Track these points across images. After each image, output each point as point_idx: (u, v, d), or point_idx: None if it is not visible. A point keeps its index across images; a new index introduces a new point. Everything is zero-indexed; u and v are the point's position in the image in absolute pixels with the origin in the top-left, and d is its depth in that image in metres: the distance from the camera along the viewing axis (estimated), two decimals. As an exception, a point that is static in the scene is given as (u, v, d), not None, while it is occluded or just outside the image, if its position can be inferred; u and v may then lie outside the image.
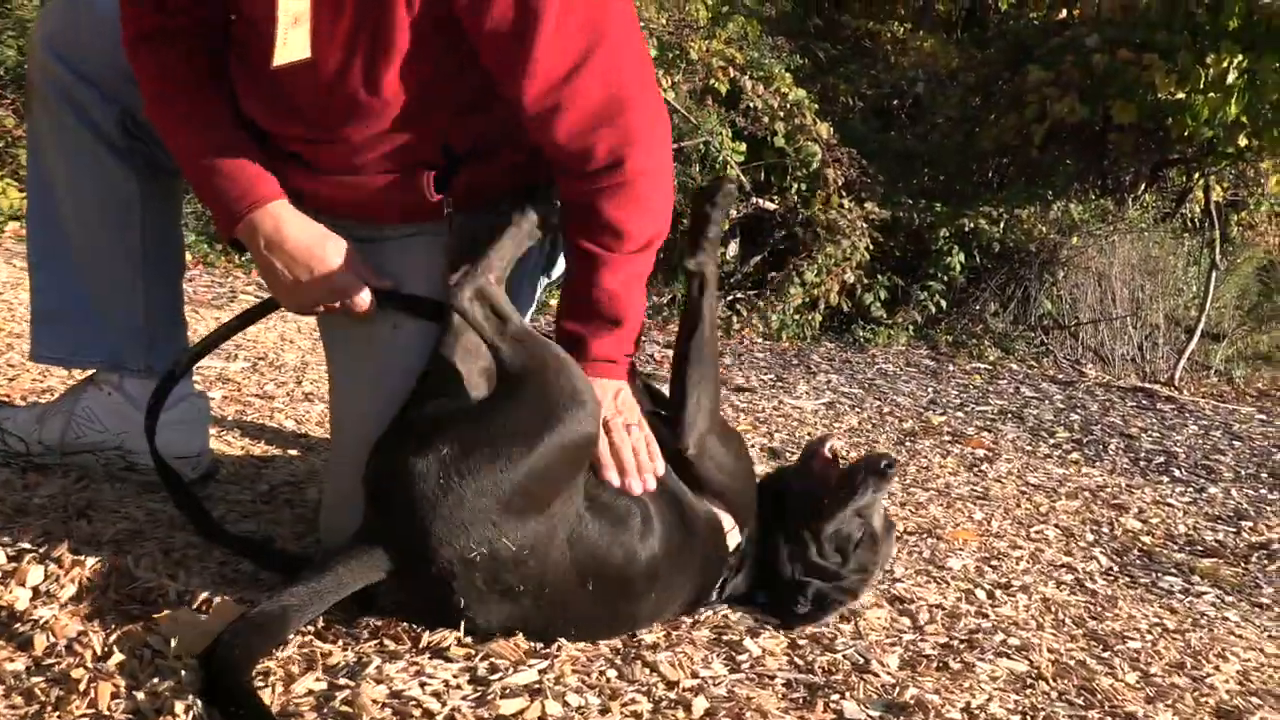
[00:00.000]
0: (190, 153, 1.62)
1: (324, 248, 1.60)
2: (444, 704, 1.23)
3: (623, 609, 1.50)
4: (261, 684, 1.24)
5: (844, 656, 1.59)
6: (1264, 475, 3.94)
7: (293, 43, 1.46)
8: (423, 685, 1.27)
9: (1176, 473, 3.80)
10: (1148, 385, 5.99)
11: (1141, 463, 3.90)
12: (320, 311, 1.68)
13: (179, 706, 1.16)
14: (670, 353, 4.97)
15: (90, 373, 1.94)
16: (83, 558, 1.51)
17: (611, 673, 1.40)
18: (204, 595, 1.44)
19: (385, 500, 1.39)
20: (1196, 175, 7.20)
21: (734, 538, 1.70)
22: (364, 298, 1.63)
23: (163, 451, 1.82)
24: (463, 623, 1.39)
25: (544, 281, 1.88)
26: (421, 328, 1.66)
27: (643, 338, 1.72)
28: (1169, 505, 3.29)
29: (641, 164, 1.54)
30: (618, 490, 1.53)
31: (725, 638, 1.59)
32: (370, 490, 1.43)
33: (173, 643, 1.28)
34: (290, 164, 1.64)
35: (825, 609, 1.74)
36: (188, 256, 5.59)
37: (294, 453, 2.31)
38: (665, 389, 1.99)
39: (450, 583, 1.34)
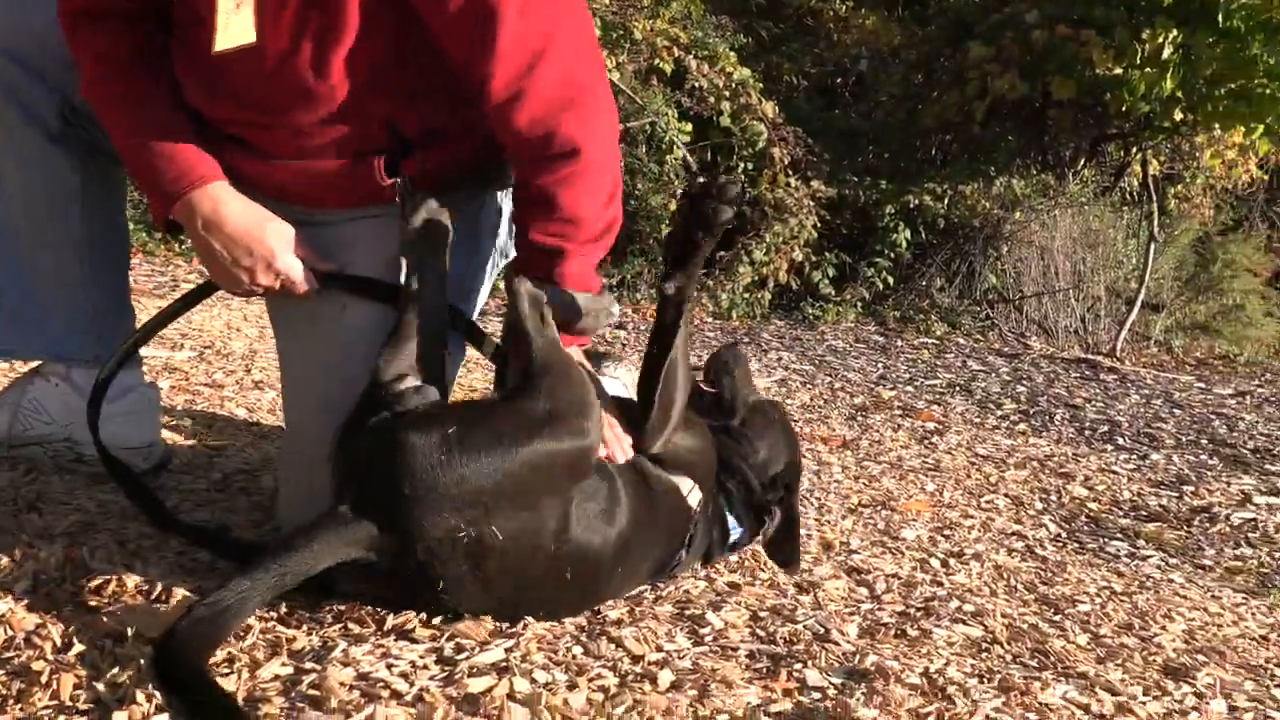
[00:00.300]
0: (126, 132, 1.59)
1: (264, 229, 1.59)
2: (412, 684, 1.23)
3: (591, 589, 1.51)
4: (227, 670, 1.23)
5: (804, 626, 1.61)
6: (1204, 442, 4.04)
7: (235, 28, 1.43)
8: (390, 667, 1.27)
9: (1120, 441, 3.88)
10: (1091, 356, 6.11)
11: (1086, 432, 3.98)
12: (259, 294, 1.67)
13: (140, 695, 1.14)
14: (619, 333, 4.97)
15: (36, 364, 1.91)
16: (36, 550, 1.48)
17: (577, 649, 1.40)
18: (162, 585, 1.43)
19: (370, 474, 1.34)
20: (1134, 149, 7.33)
21: (695, 495, 1.72)
22: (306, 281, 1.62)
23: (113, 443, 1.79)
24: (433, 605, 1.38)
25: (502, 263, 1.88)
26: (371, 310, 1.65)
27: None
28: (1114, 473, 3.36)
29: (597, 150, 1.55)
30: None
31: (688, 611, 1.61)
32: (351, 464, 1.39)
33: (130, 631, 1.27)
34: (232, 147, 1.61)
35: (794, 492, 1.89)
36: (128, 245, 5.45)
37: (247, 440, 2.29)
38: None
39: (433, 563, 1.32)
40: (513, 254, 1.88)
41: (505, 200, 1.82)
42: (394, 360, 1.50)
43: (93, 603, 1.37)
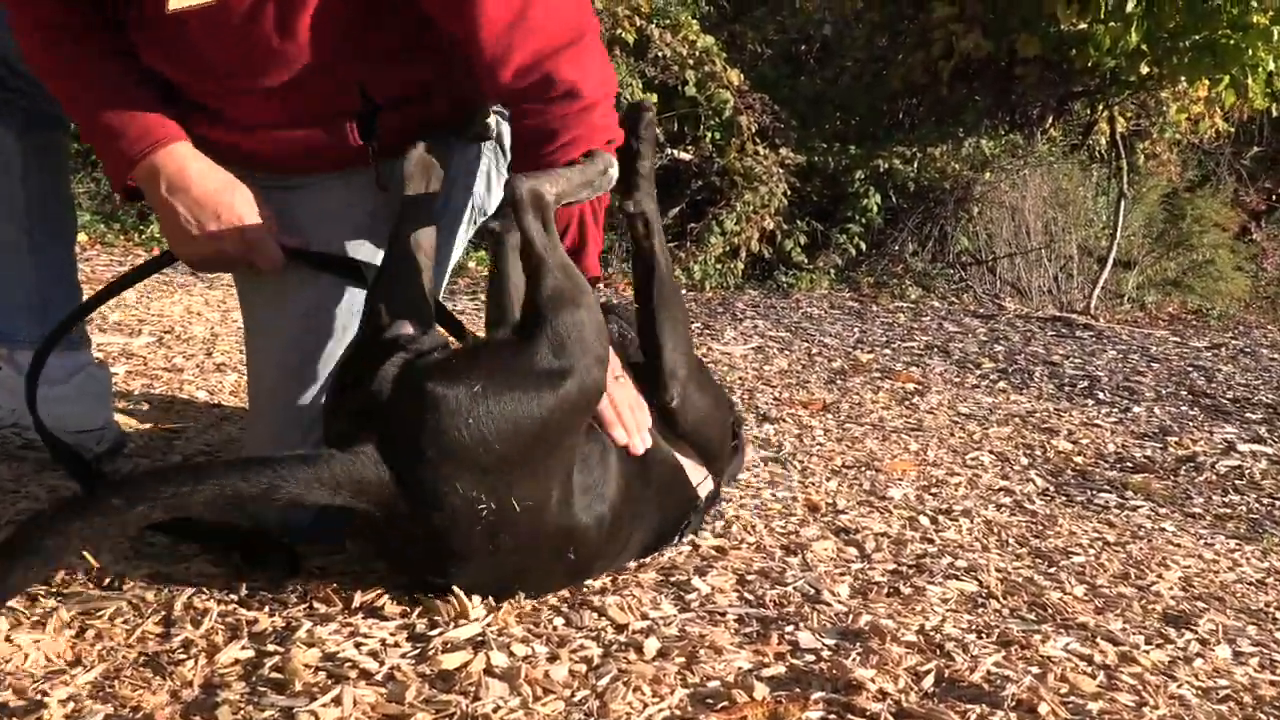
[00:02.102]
0: (79, 94, 1.49)
1: (232, 194, 1.49)
2: (382, 663, 1.16)
3: (584, 565, 1.42)
4: (183, 656, 1.15)
5: (794, 588, 1.55)
6: (1183, 393, 4.01)
7: None
8: (358, 646, 1.20)
9: (1100, 395, 3.84)
10: (1065, 314, 6.08)
11: (1066, 388, 3.94)
12: (220, 268, 1.58)
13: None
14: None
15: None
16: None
17: (559, 620, 1.34)
18: (114, 572, 1.35)
19: (390, 422, 1.24)
20: (1101, 106, 7.29)
21: (705, 487, 1.65)
22: (274, 251, 1.53)
23: (64, 426, 1.72)
24: (426, 576, 1.31)
25: (479, 220, 1.80)
26: (341, 278, 1.57)
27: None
28: (1097, 426, 3.32)
29: (595, 88, 1.47)
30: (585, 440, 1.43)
31: (673, 578, 1.54)
32: (361, 408, 1.27)
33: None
34: (193, 114, 1.52)
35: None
36: (83, 237, 5.35)
37: (208, 422, 2.20)
38: None
39: (450, 533, 1.23)
40: (491, 209, 1.80)
41: (483, 154, 1.75)
42: (387, 307, 1.41)
43: (42, 593, 1.29)
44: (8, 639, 1.16)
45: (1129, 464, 2.89)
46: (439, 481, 1.20)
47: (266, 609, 1.29)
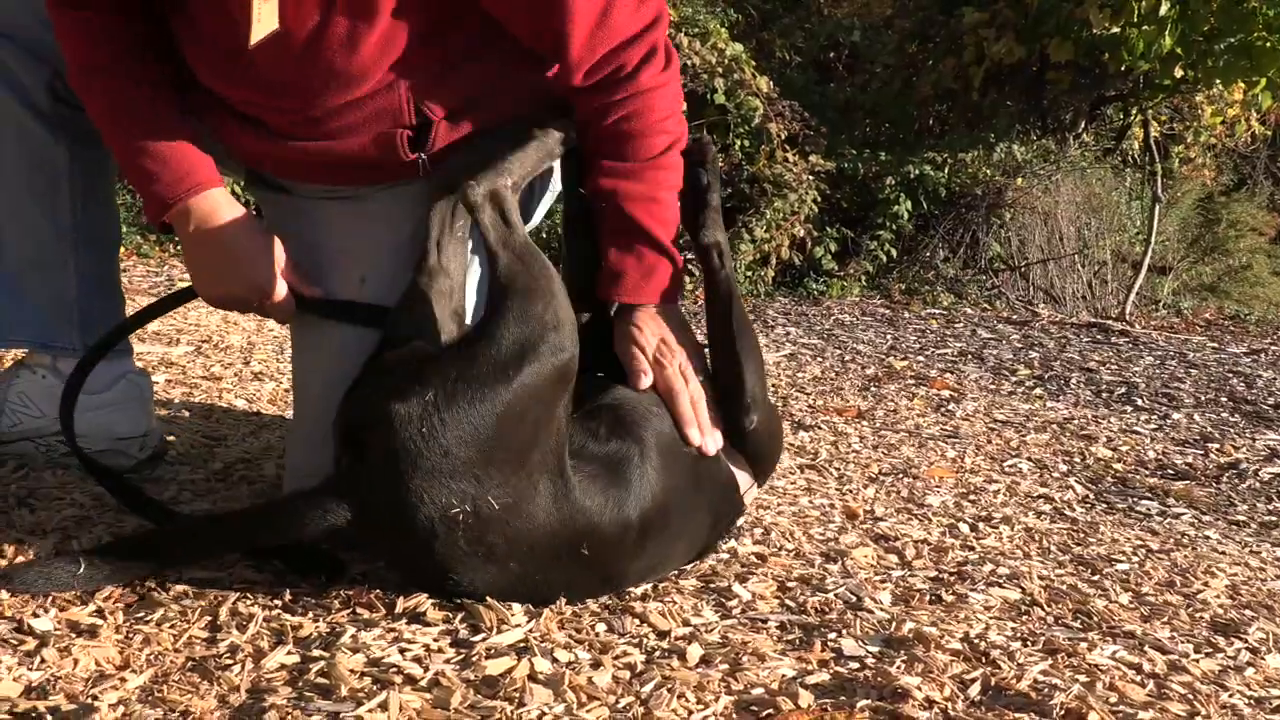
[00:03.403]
0: (117, 129, 1.52)
1: (255, 242, 1.53)
2: (426, 669, 1.16)
3: (615, 568, 1.42)
4: (229, 661, 1.16)
5: (835, 595, 1.54)
6: (1223, 400, 3.97)
7: (266, 17, 1.36)
8: (402, 651, 1.20)
9: (1139, 402, 3.80)
10: (1101, 320, 6.03)
11: (1104, 394, 3.90)
12: (236, 309, 1.61)
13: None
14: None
15: (20, 357, 1.83)
16: (28, 547, 1.41)
17: (601, 627, 1.33)
18: (156, 578, 1.36)
19: (361, 448, 1.27)
20: (1134, 111, 7.23)
21: (752, 494, 1.66)
22: (286, 302, 1.56)
23: (105, 433, 1.74)
24: (444, 585, 1.31)
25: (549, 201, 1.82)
26: (390, 287, 1.57)
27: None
28: (1136, 433, 3.28)
29: (654, 75, 1.53)
30: (609, 440, 1.44)
31: (714, 584, 1.53)
32: (344, 436, 1.31)
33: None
34: (245, 126, 1.54)
35: None
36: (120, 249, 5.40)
37: (247, 430, 2.21)
38: None
39: (431, 543, 1.24)
40: (535, 218, 1.80)
41: None
42: (404, 326, 1.42)
43: (89, 598, 1.30)
44: (59, 645, 1.16)
45: (1170, 471, 2.86)
46: (408, 496, 1.22)
47: (310, 614, 1.29)
